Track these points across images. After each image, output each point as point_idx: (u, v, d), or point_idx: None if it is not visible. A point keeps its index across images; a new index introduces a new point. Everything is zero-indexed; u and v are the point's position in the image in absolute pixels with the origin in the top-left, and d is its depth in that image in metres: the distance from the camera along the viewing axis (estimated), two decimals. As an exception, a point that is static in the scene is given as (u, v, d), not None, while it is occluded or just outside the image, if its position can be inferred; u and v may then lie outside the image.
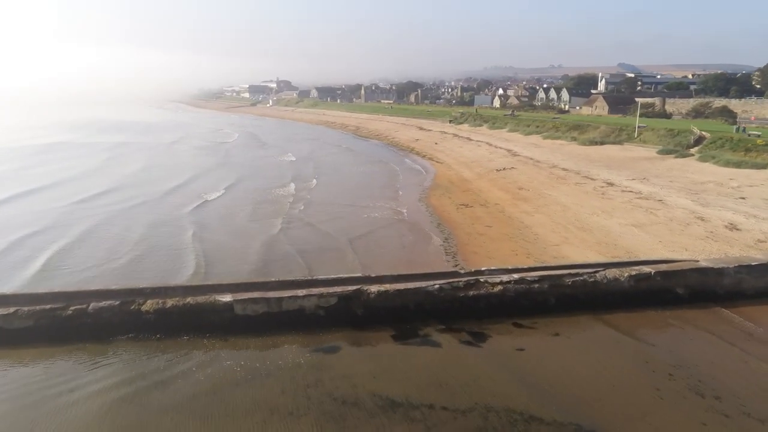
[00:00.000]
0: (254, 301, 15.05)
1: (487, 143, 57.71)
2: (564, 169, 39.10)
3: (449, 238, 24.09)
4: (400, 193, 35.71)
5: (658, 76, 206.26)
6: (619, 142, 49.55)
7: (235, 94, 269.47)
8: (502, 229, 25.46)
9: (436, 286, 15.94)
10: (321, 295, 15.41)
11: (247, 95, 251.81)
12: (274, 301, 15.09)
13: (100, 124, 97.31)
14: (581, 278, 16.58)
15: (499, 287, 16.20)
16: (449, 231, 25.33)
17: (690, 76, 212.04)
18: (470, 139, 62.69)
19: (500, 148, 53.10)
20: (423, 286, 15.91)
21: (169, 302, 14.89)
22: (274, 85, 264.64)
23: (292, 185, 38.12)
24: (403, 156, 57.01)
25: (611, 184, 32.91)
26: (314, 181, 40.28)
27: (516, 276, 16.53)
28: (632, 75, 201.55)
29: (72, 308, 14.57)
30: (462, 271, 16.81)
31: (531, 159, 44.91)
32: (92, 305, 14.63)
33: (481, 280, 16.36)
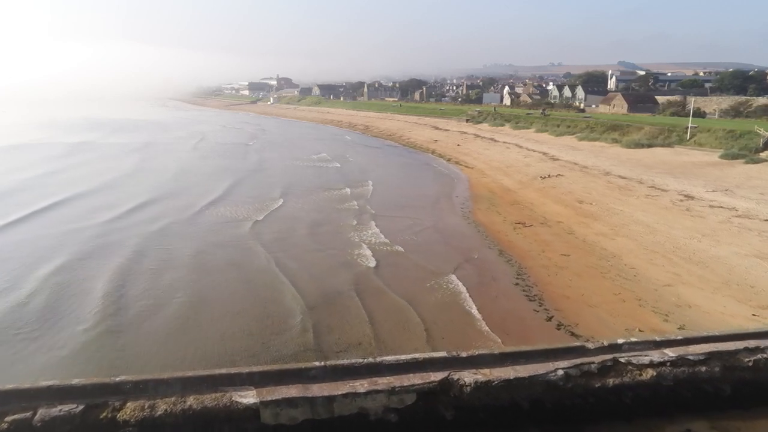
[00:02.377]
0: (291, 402, 9.83)
1: (516, 145, 52.44)
2: (621, 177, 33.87)
3: (522, 274, 18.84)
4: (444, 203, 30.48)
5: (669, 74, 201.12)
6: (669, 145, 44.35)
7: (234, 91, 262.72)
8: (584, 258, 20.23)
9: (560, 372, 10.72)
10: (392, 391, 10.18)
11: (246, 93, 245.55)
12: (322, 403, 9.88)
13: (112, 124, 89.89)
14: (766, 355, 11.37)
15: (650, 371, 10.98)
16: (517, 262, 20.07)
17: (701, 74, 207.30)
18: (495, 140, 57.42)
19: (534, 150, 47.83)
20: (540, 372, 10.69)
21: (161, 406, 9.67)
22: (274, 83, 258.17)
23: (348, 190, 34.44)
24: (425, 159, 51.72)
25: (690, 197, 27.71)
26: (369, 185, 36.12)
27: (671, 353, 11.30)
28: (643, 72, 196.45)
29: (8, 419, 9.35)
30: (591, 346, 11.54)
31: (576, 164, 39.66)
32: (41, 413, 9.42)
33: (622, 360, 11.14)
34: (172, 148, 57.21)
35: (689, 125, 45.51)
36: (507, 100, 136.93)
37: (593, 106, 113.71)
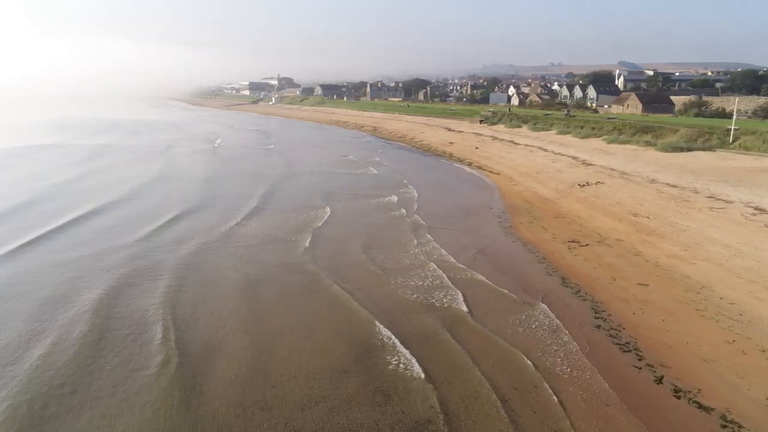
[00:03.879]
0: None
1: (539, 148, 49.17)
2: (671, 185, 30.59)
3: (600, 311, 15.53)
4: (485, 215, 27.13)
5: (677, 74, 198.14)
6: (710, 148, 41.06)
7: (234, 91, 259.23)
8: (667, 289, 16.94)
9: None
10: None
11: (247, 93, 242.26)
12: None
13: (123, 125, 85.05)
14: None
15: None
16: (589, 294, 16.76)
17: (709, 73, 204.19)
18: (515, 143, 54.12)
19: (561, 154, 44.55)
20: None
21: None
22: (275, 83, 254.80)
23: (394, 198, 31.44)
24: (444, 164, 48.48)
25: (762, 210, 24.37)
26: (413, 192, 33.00)
27: None
28: (651, 72, 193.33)
29: None
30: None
31: (613, 170, 36.38)
32: None
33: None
34: (191, 151, 54.07)
35: (732, 127, 42.24)
36: (515, 100, 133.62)
37: (605, 106, 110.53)
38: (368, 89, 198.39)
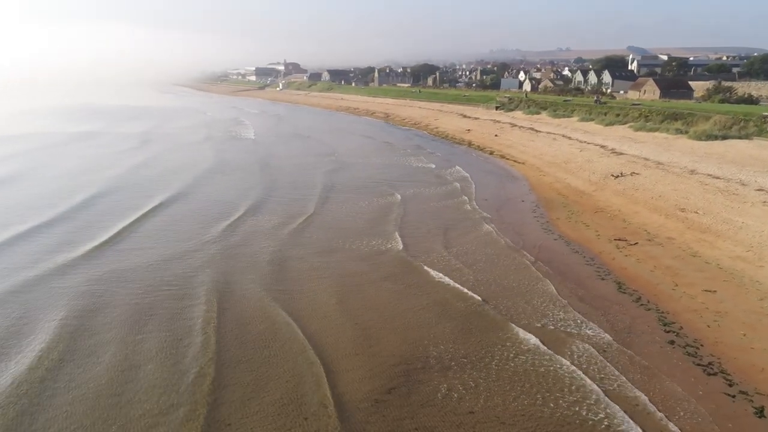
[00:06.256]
0: None
1: (563, 136, 47.12)
2: (714, 177, 28.65)
3: (669, 323, 13.87)
4: (523, 207, 25.40)
5: (691, 59, 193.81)
6: (747, 137, 38.92)
7: (240, 77, 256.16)
8: (739, 298, 15.25)
9: None
10: None
11: (253, 78, 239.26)
12: None
13: (150, 112, 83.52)
14: None
15: None
16: (653, 304, 15.07)
17: (724, 58, 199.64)
18: (536, 130, 52.05)
19: (587, 143, 42.55)
20: None
21: None
22: (281, 68, 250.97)
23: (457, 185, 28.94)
24: (466, 152, 46.60)
25: (822, 206, 22.53)
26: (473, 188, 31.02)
27: None
28: (664, 56, 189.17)
29: None
30: None
31: (647, 159, 34.43)
32: None
33: None
34: (231, 137, 54.05)
35: (771, 114, 40.10)
36: (527, 86, 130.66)
37: (621, 92, 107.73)
38: (376, 75, 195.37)
